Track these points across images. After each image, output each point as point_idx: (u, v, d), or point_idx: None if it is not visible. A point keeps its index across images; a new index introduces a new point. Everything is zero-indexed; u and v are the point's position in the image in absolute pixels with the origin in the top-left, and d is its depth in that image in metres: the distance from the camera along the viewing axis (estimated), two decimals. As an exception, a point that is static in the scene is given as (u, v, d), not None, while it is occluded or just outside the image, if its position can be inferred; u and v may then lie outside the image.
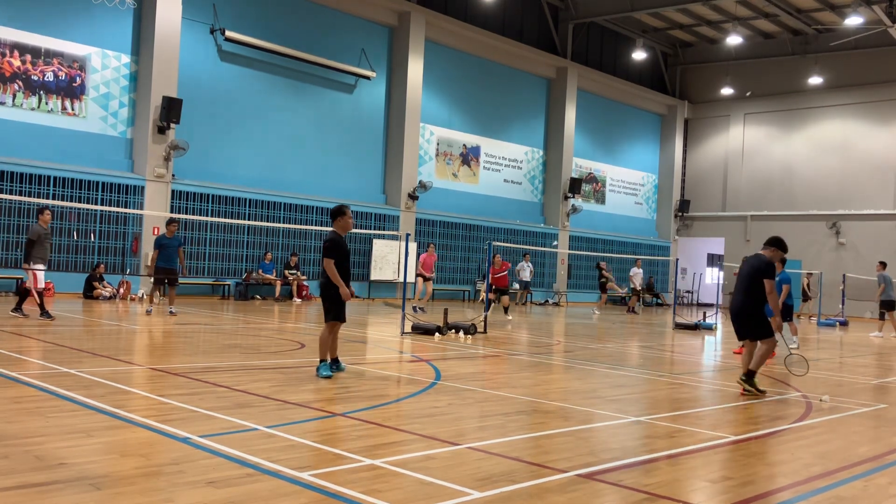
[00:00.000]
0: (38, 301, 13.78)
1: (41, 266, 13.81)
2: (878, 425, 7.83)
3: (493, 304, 19.64)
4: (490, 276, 18.22)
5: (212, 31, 22.90)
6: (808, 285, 29.55)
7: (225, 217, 22.64)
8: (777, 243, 9.57)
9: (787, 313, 16.12)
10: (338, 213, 9.06)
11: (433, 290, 22.30)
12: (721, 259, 35.45)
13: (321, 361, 8.85)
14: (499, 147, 31.59)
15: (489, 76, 30.82)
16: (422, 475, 4.96)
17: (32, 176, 19.52)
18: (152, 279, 16.84)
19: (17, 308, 13.87)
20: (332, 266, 8.77)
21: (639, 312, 27.37)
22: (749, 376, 9.04)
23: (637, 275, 27.33)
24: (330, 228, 9.11)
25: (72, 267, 19.97)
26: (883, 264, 21.53)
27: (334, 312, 8.94)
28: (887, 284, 20.68)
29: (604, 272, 26.73)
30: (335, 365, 9.02)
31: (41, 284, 13.93)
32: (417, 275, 21.20)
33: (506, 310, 19.02)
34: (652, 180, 39.30)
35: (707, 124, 39.41)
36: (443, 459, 5.45)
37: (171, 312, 15.79)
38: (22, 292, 14.21)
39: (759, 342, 9.20)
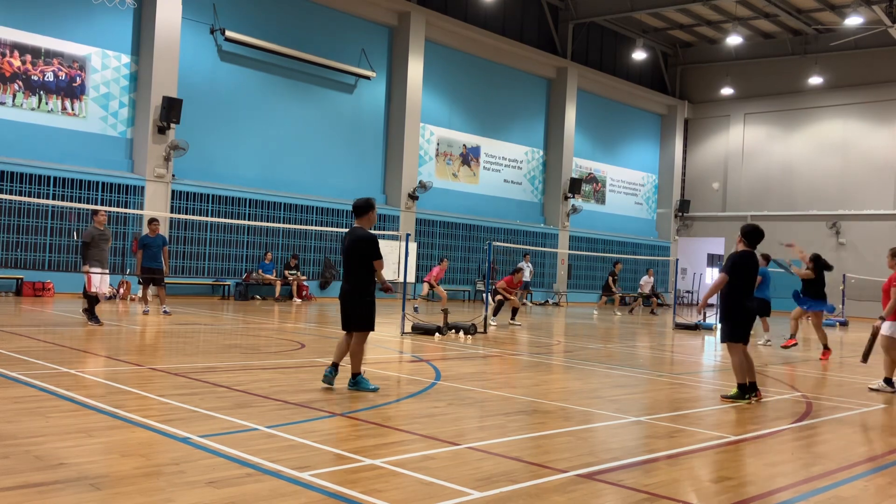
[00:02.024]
0: (88, 304, 13.15)
1: (97, 269, 13.22)
2: (878, 425, 7.82)
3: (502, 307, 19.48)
4: (504, 282, 18.42)
5: (212, 31, 22.90)
6: None
7: (225, 217, 22.64)
8: (748, 235, 8.77)
9: (765, 309, 15.96)
10: (369, 206, 8.09)
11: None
12: (721, 259, 35.44)
13: (355, 375, 7.97)
14: (499, 147, 31.59)
15: (489, 76, 30.81)
16: (422, 475, 4.96)
17: (32, 176, 19.52)
18: (139, 280, 16.77)
19: (91, 316, 13.08)
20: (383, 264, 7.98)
21: (635, 314, 27.18)
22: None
23: (648, 283, 28.09)
24: (329, 229, 8.89)
25: (72, 267, 19.96)
26: None
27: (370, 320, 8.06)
28: None
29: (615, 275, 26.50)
30: (335, 370, 8.02)
31: (96, 287, 13.23)
32: (425, 280, 20.98)
33: (514, 312, 18.60)
34: (652, 180, 39.30)
35: (707, 124, 39.41)
36: (443, 459, 5.45)
37: (164, 312, 15.71)
38: (89, 299, 13.30)
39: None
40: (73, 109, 20.59)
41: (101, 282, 13.42)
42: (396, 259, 25.63)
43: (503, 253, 27.45)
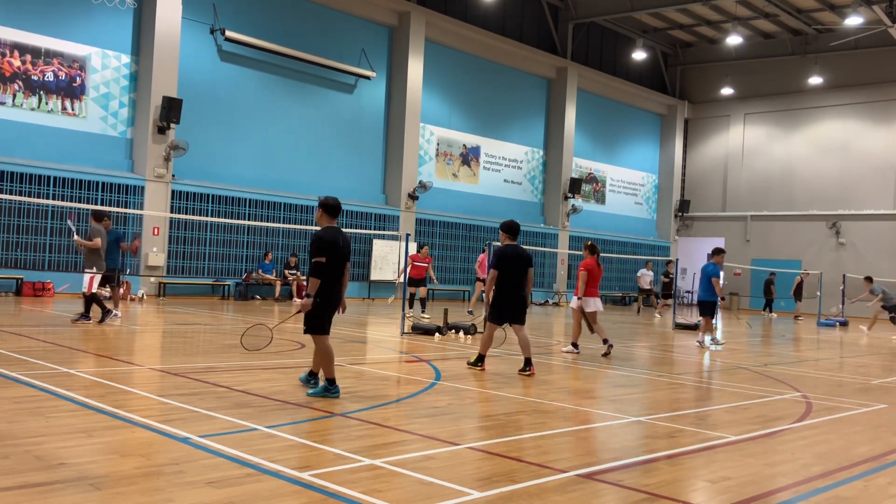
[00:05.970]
0: (100, 305, 13.37)
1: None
2: (878, 425, 7.82)
3: (415, 300, 19.54)
4: (409, 265, 18.15)
5: (212, 31, 22.89)
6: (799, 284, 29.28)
7: (225, 217, 22.64)
8: (507, 229, 10.12)
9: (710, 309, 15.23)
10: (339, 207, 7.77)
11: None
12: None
13: (328, 381, 7.52)
14: (499, 147, 31.58)
15: (489, 76, 30.81)
16: (422, 475, 4.96)
17: (32, 176, 19.52)
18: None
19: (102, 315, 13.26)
20: None
21: (639, 313, 27.34)
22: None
23: (644, 275, 27.95)
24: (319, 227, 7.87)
25: (72, 267, 19.96)
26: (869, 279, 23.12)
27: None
28: (885, 293, 21.97)
29: None
30: (314, 378, 7.77)
31: (94, 288, 13.33)
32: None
33: (423, 303, 18.72)
34: (652, 180, 39.29)
35: (707, 124, 39.41)
36: (443, 459, 5.45)
37: (114, 315, 14.23)
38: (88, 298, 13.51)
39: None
40: (73, 109, 20.58)
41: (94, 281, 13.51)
42: (396, 259, 25.67)
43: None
